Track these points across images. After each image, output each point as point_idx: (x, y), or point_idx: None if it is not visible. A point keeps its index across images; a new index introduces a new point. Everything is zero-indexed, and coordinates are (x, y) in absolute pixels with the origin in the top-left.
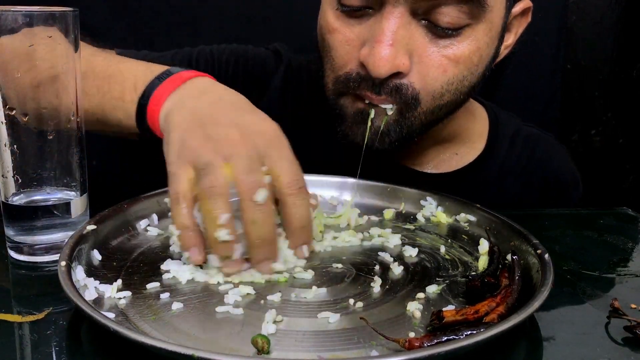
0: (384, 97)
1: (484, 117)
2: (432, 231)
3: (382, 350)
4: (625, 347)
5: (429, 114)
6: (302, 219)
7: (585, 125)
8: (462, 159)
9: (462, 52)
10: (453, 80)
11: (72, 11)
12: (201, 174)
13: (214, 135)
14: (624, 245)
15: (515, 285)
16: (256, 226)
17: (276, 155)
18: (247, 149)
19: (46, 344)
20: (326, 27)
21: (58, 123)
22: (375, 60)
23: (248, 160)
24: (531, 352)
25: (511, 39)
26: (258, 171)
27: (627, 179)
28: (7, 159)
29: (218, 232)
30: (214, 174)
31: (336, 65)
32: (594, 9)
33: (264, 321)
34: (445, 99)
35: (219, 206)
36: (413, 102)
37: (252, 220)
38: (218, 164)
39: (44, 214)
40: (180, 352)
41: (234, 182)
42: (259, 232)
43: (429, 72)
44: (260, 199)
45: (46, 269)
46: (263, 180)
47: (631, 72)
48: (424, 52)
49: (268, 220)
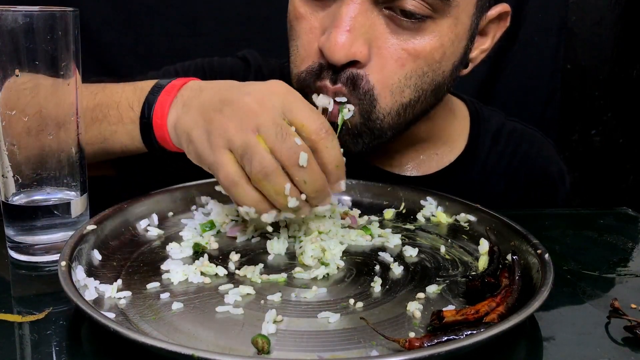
0: (339, 87)
1: (464, 115)
2: (432, 231)
3: (382, 350)
4: (625, 347)
5: (394, 116)
6: (335, 159)
7: (585, 125)
8: (443, 159)
9: (422, 47)
10: (411, 75)
11: (72, 11)
12: (245, 158)
13: (234, 113)
14: (624, 245)
15: (515, 285)
16: (308, 184)
17: (296, 108)
18: (269, 113)
19: (46, 344)
20: (293, 12)
21: (58, 123)
22: (331, 46)
23: (275, 127)
24: (531, 352)
25: (488, 43)
26: (289, 134)
27: (627, 179)
28: (7, 159)
29: (287, 201)
30: (258, 154)
31: (298, 57)
32: (594, 9)
33: (264, 321)
34: (407, 95)
35: (279, 181)
36: (368, 98)
37: (303, 181)
38: (254, 142)
39: (44, 214)
40: (180, 352)
41: (272, 152)
42: (313, 187)
43: (387, 65)
44: (303, 162)
45: (46, 269)
46: (297, 142)
47: (631, 72)
48: (383, 43)
49: (315, 176)
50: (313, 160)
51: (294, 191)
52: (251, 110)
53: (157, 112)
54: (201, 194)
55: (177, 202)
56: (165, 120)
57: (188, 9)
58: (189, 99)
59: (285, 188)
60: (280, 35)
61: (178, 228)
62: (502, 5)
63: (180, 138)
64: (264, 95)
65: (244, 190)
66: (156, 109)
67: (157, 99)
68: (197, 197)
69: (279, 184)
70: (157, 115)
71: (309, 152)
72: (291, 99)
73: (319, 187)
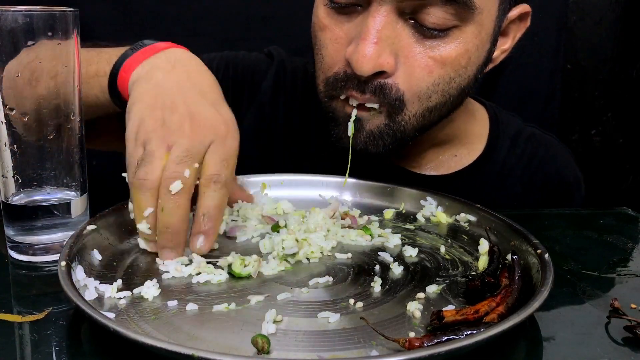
0: (368, 96)
1: (484, 118)
2: (432, 231)
3: (382, 350)
4: (625, 347)
5: (419, 118)
6: (208, 208)
7: (585, 125)
8: (462, 160)
9: (448, 54)
10: (439, 81)
11: (72, 11)
12: (140, 162)
13: (168, 122)
14: (624, 245)
15: (515, 285)
16: (164, 214)
17: (213, 151)
18: (191, 141)
19: (46, 344)
20: (317, 24)
21: (58, 123)
22: (358, 58)
23: (184, 153)
24: (531, 352)
25: (508, 43)
26: (187, 164)
27: (627, 179)
28: (7, 159)
29: (141, 224)
30: (151, 165)
31: (325, 65)
32: (594, 9)
33: (264, 321)
34: (433, 100)
35: (145, 199)
36: (398, 104)
37: (161, 207)
38: (159, 155)
39: (44, 214)
40: (180, 352)
41: (164, 169)
42: (166, 219)
43: (414, 73)
44: (173, 189)
45: (46, 269)
46: (185, 174)
47: (631, 72)
48: (409, 53)
49: (176, 210)
50: (184, 197)
51: (151, 218)
52: (181, 131)
53: (126, 66)
54: None
55: None
56: (129, 74)
57: (188, 9)
58: (158, 67)
59: (146, 210)
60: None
61: None
62: (523, 5)
63: (129, 99)
64: (203, 125)
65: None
66: (127, 62)
67: (133, 54)
68: None
69: (144, 202)
70: (125, 69)
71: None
72: (220, 141)
73: (173, 223)
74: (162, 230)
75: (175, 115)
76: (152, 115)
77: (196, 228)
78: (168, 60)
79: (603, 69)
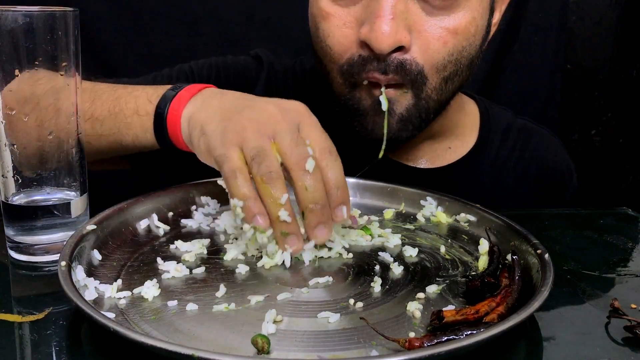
0: (391, 76)
1: (474, 111)
2: (432, 231)
3: (382, 350)
4: (625, 347)
5: (439, 91)
6: (337, 179)
7: (585, 125)
8: (455, 152)
9: (459, 23)
10: (453, 51)
11: (72, 11)
12: (255, 160)
13: (255, 117)
14: (624, 245)
15: (515, 285)
16: (309, 192)
17: (309, 126)
18: (287, 124)
19: (46, 344)
20: (319, 14)
21: (58, 123)
22: (378, 35)
23: (291, 135)
24: (531, 352)
25: (497, 16)
26: (303, 144)
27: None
28: (7, 159)
29: (280, 212)
30: (269, 159)
31: (335, 54)
32: (594, 9)
33: (264, 321)
34: (448, 70)
35: (279, 188)
36: (420, 78)
37: (305, 187)
38: (268, 148)
39: (44, 214)
40: (180, 352)
41: (282, 156)
42: (313, 196)
43: (430, 45)
44: (309, 167)
45: (46, 269)
46: (309, 150)
47: (631, 72)
48: (422, 26)
49: (319, 185)
50: (318, 170)
51: (289, 206)
52: (272, 115)
53: (174, 105)
54: (201, 194)
55: (177, 202)
56: (180, 113)
57: (188, 9)
58: (209, 98)
59: (282, 197)
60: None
61: (178, 228)
62: None
63: (193, 131)
64: (286, 109)
65: (243, 182)
66: (173, 102)
67: (177, 94)
68: (197, 197)
69: (280, 191)
70: (173, 108)
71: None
72: (308, 119)
73: (319, 198)
74: (311, 208)
75: (257, 111)
76: (235, 120)
77: (335, 202)
78: (213, 93)
79: (603, 69)
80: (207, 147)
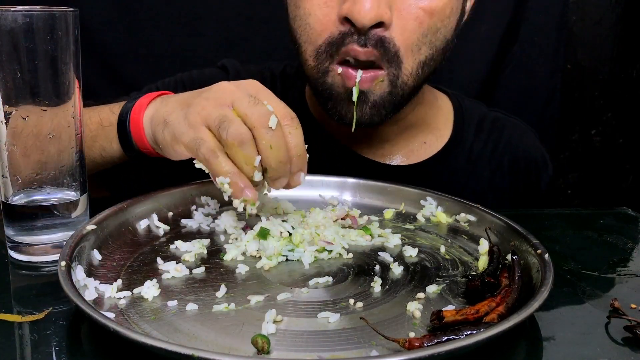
0: (370, 49)
1: (447, 105)
2: (432, 231)
3: (382, 350)
4: (625, 347)
5: (415, 77)
6: (297, 147)
7: (585, 125)
8: (431, 147)
9: (436, 4)
10: (427, 32)
11: (72, 11)
12: (221, 128)
13: (211, 95)
14: (624, 245)
15: (515, 285)
16: (274, 150)
17: (266, 96)
18: (243, 93)
19: (46, 344)
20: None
21: (58, 123)
22: (360, 9)
23: (248, 98)
24: (531, 352)
25: (468, 4)
26: (261, 104)
27: (627, 179)
28: (7, 159)
29: (255, 174)
30: (235, 123)
31: (314, 33)
32: (594, 9)
33: (264, 321)
34: (423, 53)
35: (251, 150)
36: (396, 60)
37: (269, 145)
38: (231, 115)
39: (44, 214)
40: (180, 352)
41: (243, 118)
42: (277, 155)
43: (407, 25)
44: (272, 124)
45: (46, 269)
46: (269, 108)
47: (631, 72)
48: (401, 5)
49: (281, 142)
50: (281, 126)
51: (260, 167)
52: (227, 89)
53: (135, 110)
54: (201, 194)
55: (177, 202)
56: (141, 116)
57: (188, 9)
58: (167, 98)
59: (255, 159)
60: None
61: (178, 228)
62: None
63: (156, 127)
64: (239, 83)
65: (222, 160)
66: (134, 108)
67: (137, 101)
68: (197, 197)
69: (251, 153)
70: (135, 112)
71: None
72: (263, 90)
73: (282, 157)
74: (275, 165)
75: (211, 89)
76: (193, 104)
77: (295, 168)
78: (172, 95)
79: (603, 69)
80: (173, 135)
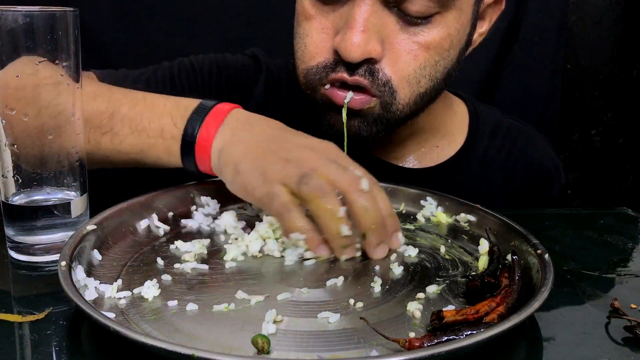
0: (357, 78)
1: (463, 111)
2: (432, 231)
3: (382, 350)
4: (625, 347)
5: (412, 105)
6: (387, 208)
7: (585, 125)
8: (443, 151)
9: (432, 39)
10: (425, 64)
11: (72, 11)
12: (302, 182)
13: (291, 157)
14: (624, 245)
15: (515, 285)
16: (369, 212)
17: (347, 162)
18: (325, 160)
19: (46, 344)
20: (303, 13)
21: (58, 123)
22: (347, 46)
23: (334, 163)
24: (531, 352)
25: (485, 26)
26: (347, 169)
27: (627, 179)
28: (7, 159)
29: (340, 227)
30: (316, 179)
31: (308, 53)
32: (594, 9)
33: (264, 321)
34: (423, 85)
35: (334, 202)
36: (388, 90)
37: (364, 208)
38: (312, 173)
39: (44, 214)
40: (180, 352)
41: (333, 183)
42: (372, 217)
43: (400, 58)
44: (365, 187)
45: (46, 269)
46: (357, 173)
47: (631, 72)
48: (395, 40)
49: (376, 205)
50: (374, 189)
51: (347, 219)
52: (308, 157)
53: (202, 134)
54: (201, 194)
55: (177, 202)
56: (210, 143)
57: (188, 9)
58: (238, 129)
59: (340, 210)
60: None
61: (178, 228)
62: None
63: (225, 167)
64: (320, 149)
65: (297, 215)
66: (202, 131)
67: (204, 120)
68: (197, 197)
69: (335, 205)
70: (202, 137)
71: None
72: (343, 156)
73: (378, 219)
74: (372, 229)
75: (291, 151)
76: (271, 160)
77: (391, 228)
78: (241, 121)
79: (603, 69)
80: (245, 187)
